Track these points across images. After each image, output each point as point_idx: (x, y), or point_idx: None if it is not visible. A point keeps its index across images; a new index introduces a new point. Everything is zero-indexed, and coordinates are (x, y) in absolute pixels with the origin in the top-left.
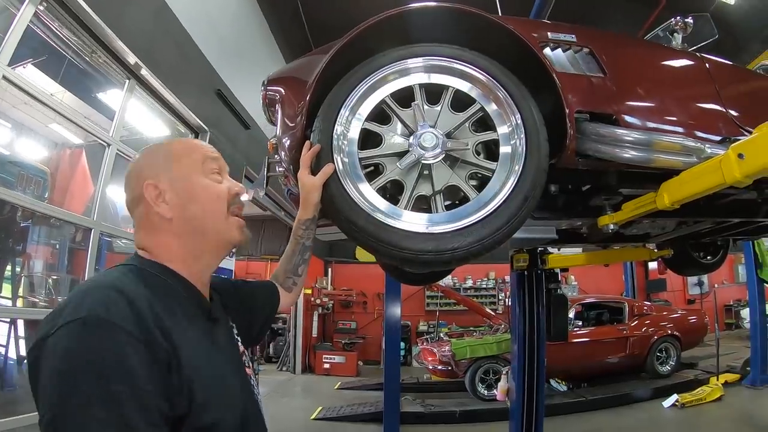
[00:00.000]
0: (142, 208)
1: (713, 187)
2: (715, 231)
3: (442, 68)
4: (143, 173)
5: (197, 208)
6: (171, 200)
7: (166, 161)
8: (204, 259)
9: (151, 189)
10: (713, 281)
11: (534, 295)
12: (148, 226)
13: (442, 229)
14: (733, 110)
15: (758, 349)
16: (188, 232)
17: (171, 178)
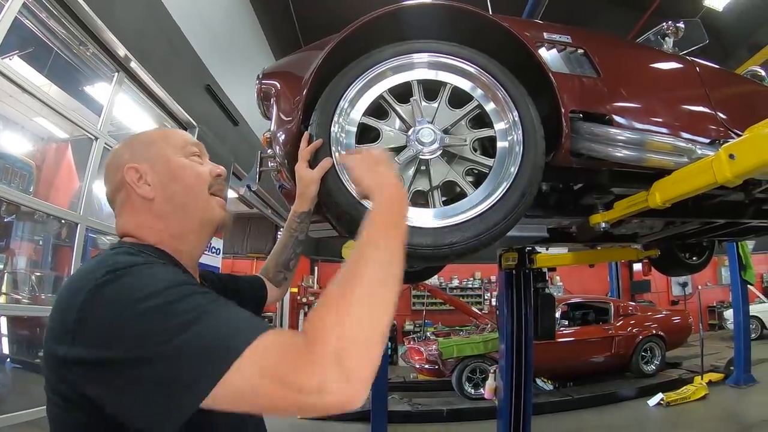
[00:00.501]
0: (124, 194)
1: (705, 187)
2: (702, 232)
3: (445, 65)
4: (123, 159)
5: (178, 187)
6: (152, 180)
7: (146, 145)
8: (189, 240)
9: (132, 172)
10: (697, 283)
11: (522, 294)
12: (130, 209)
13: (440, 224)
14: (722, 113)
15: (741, 349)
16: (170, 211)
17: (151, 159)
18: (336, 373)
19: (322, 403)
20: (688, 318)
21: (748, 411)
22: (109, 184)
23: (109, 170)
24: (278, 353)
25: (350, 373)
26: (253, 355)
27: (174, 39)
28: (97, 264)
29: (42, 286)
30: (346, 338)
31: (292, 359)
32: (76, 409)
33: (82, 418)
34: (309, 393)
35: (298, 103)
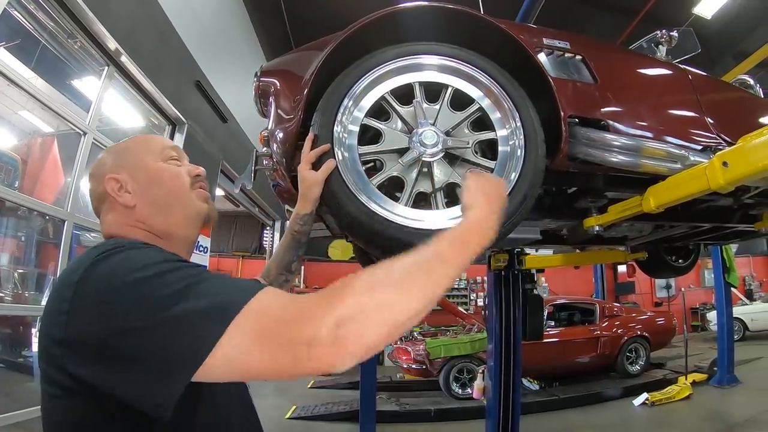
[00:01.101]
0: (107, 205)
1: (698, 192)
2: (689, 235)
3: (452, 69)
4: (104, 170)
5: (158, 190)
6: (132, 188)
7: (124, 154)
8: (177, 237)
9: (112, 182)
10: (680, 285)
11: (511, 294)
12: (115, 219)
13: (445, 226)
14: (712, 119)
15: (725, 350)
16: (154, 213)
17: (129, 168)
18: (330, 333)
19: (308, 356)
20: (672, 319)
21: (731, 410)
22: (93, 196)
23: (92, 182)
24: (279, 307)
25: (343, 339)
26: (250, 313)
27: (165, 33)
28: (90, 250)
29: (25, 283)
30: (362, 309)
31: (293, 312)
32: (71, 397)
33: (78, 408)
34: (299, 343)
35: (299, 102)
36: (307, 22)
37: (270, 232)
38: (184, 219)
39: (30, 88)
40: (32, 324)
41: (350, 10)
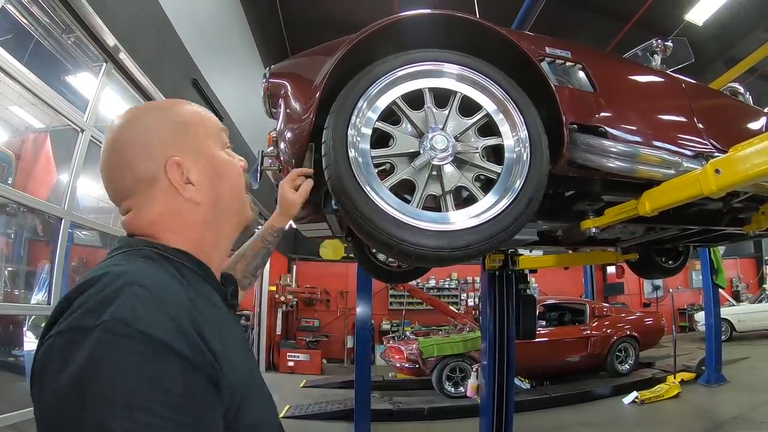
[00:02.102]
0: (152, 193)
1: (691, 197)
2: (679, 237)
3: (464, 78)
4: (153, 147)
5: (225, 188)
6: (197, 180)
7: (182, 131)
8: (222, 247)
9: (174, 168)
10: (668, 286)
11: (504, 294)
12: (158, 216)
13: (456, 227)
14: (705, 127)
15: (713, 349)
16: (213, 218)
17: (192, 152)
18: None
19: None
20: (660, 319)
21: (719, 409)
22: (127, 172)
23: (129, 154)
24: None
25: None
26: None
27: (163, 31)
28: (109, 295)
29: (15, 282)
30: None
31: None
32: None
33: None
34: None
35: (311, 104)
36: (302, 21)
37: None
38: (236, 227)
39: (29, 84)
40: (23, 323)
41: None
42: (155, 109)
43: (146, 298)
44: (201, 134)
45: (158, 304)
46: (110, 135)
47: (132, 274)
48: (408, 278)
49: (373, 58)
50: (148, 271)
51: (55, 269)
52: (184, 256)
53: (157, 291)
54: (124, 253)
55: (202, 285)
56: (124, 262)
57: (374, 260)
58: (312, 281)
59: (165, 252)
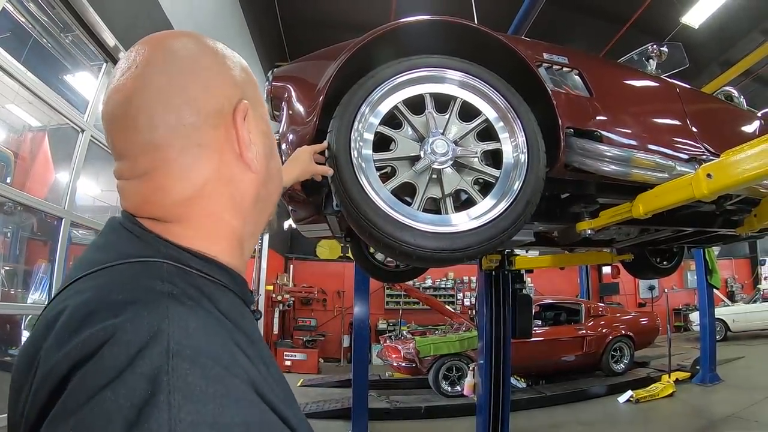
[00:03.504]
0: (208, 148)
1: (684, 200)
2: (673, 239)
3: (465, 84)
4: (220, 80)
5: (273, 167)
6: (256, 143)
7: (249, 80)
8: (255, 240)
9: (243, 117)
10: (663, 286)
11: (501, 294)
12: (210, 182)
13: (456, 230)
14: (699, 132)
15: (707, 349)
16: (262, 199)
17: (257, 108)
18: None
19: None
20: (655, 319)
21: (713, 408)
22: (173, 101)
23: (183, 77)
24: None
25: None
26: None
27: (162, 29)
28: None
29: (13, 281)
30: None
31: None
32: None
33: None
34: None
35: (314, 107)
36: (301, 22)
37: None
38: (267, 220)
39: (28, 83)
40: (20, 322)
41: (344, 11)
42: (214, 41)
43: (206, 388)
44: (260, 95)
45: (223, 392)
46: (152, 49)
47: (171, 337)
48: (405, 278)
49: (374, 62)
50: (189, 326)
51: (55, 269)
52: (219, 270)
53: (214, 368)
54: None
55: (244, 312)
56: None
57: (372, 260)
58: (309, 281)
59: (194, 268)
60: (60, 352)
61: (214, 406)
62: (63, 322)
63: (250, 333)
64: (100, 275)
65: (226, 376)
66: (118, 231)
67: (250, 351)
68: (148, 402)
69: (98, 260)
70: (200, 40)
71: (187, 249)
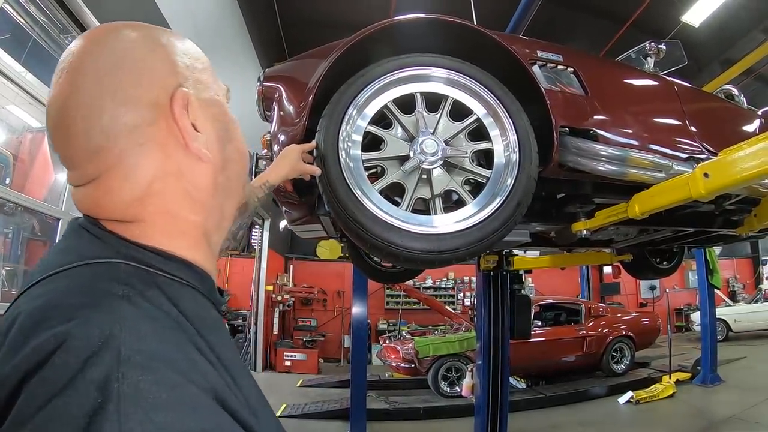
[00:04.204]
0: (150, 144)
1: (680, 200)
2: (673, 239)
3: (455, 83)
4: (153, 70)
5: (233, 151)
6: (206, 131)
7: (192, 63)
8: (224, 229)
9: (182, 105)
10: (665, 286)
11: (499, 294)
12: (158, 180)
13: (444, 231)
14: (697, 130)
15: (708, 350)
16: (222, 187)
17: (203, 91)
18: None
19: None
20: (656, 319)
21: (714, 408)
22: (103, 105)
23: (112, 77)
24: None
25: None
26: None
27: None
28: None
29: (14, 281)
30: None
31: None
32: None
33: None
34: None
35: (304, 107)
36: (300, 23)
37: (259, 230)
38: (236, 207)
39: (27, 86)
40: None
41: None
42: (151, 27)
43: (159, 395)
44: (210, 77)
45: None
46: (79, 52)
47: (123, 343)
48: (402, 279)
49: (366, 61)
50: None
51: None
52: (182, 268)
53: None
54: (86, 270)
55: (209, 312)
56: (93, 302)
57: (368, 261)
58: (309, 281)
59: (154, 267)
60: (13, 360)
61: (166, 414)
62: (16, 329)
63: (215, 336)
64: (57, 278)
65: (181, 382)
66: (79, 233)
67: (212, 355)
68: (98, 411)
69: (58, 263)
70: (133, 29)
71: (148, 247)
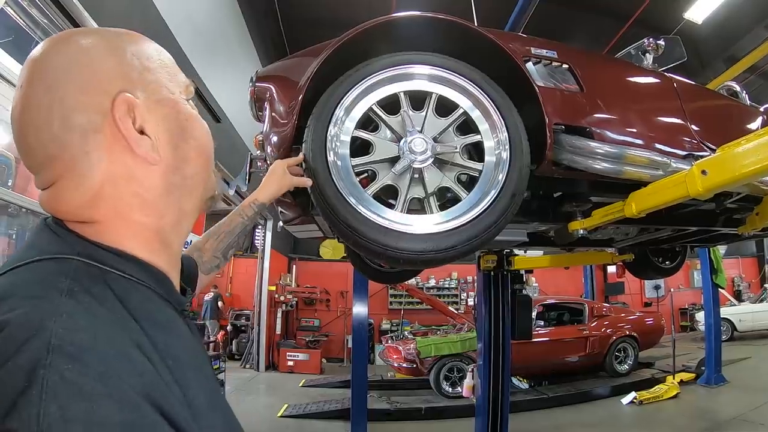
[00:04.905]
0: (98, 151)
1: (678, 199)
2: (675, 238)
3: (443, 79)
4: (96, 79)
5: (190, 149)
6: (156, 134)
7: (139, 66)
8: (185, 227)
9: (125, 109)
10: (669, 285)
11: (500, 295)
12: (107, 183)
13: (438, 230)
14: (697, 127)
15: (713, 350)
16: (177, 186)
17: (152, 94)
18: None
19: None
20: (660, 319)
21: (718, 409)
22: (52, 116)
23: (60, 88)
24: None
25: None
26: None
27: (160, 33)
28: (20, 387)
29: None
30: None
31: None
32: None
33: None
34: None
35: (294, 107)
36: (301, 22)
37: (262, 231)
38: (200, 203)
39: None
40: None
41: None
42: (100, 32)
43: (83, 385)
44: (163, 76)
45: (102, 391)
46: (31, 64)
47: (56, 334)
48: (401, 279)
49: (356, 60)
50: (80, 323)
51: None
52: (135, 267)
53: (98, 366)
54: (41, 268)
55: (162, 311)
56: (38, 294)
57: (368, 262)
58: (312, 281)
59: (106, 264)
60: None
61: (88, 404)
62: None
63: (166, 335)
64: (17, 272)
65: (110, 375)
66: (43, 231)
67: (155, 354)
68: (22, 394)
69: (20, 258)
70: (84, 36)
71: (104, 246)
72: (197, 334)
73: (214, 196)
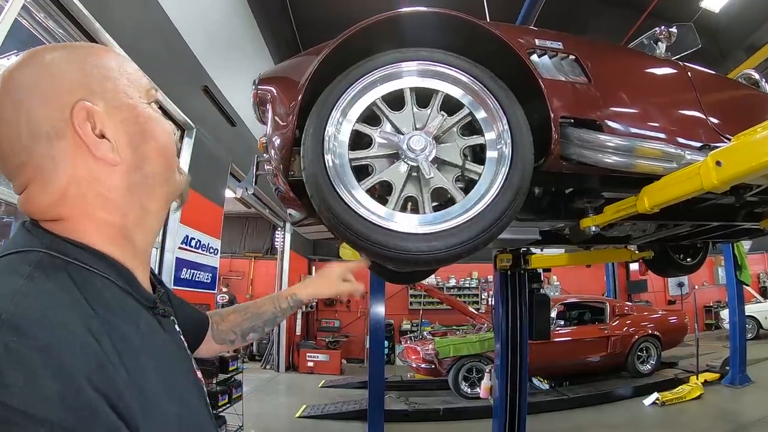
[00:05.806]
0: (62, 155)
1: (692, 192)
2: (695, 234)
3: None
4: (57, 91)
5: (150, 149)
6: (115, 137)
7: (98, 75)
8: (148, 227)
9: (83, 116)
10: (693, 283)
11: (517, 294)
12: (71, 185)
13: (435, 229)
14: (713, 117)
15: (737, 349)
16: (138, 185)
17: (111, 100)
18: None
19: None
20: (684, 318)
21: (743, 410)
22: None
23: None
24: None
25: None
26: None
27: (171, 39)
28: None
29: None
30: None
31: None
32: None
33: None
34: None
35: (293, 108)
36: (315, 23)
37: (281, 233)
38: (165, 202)
39: None
40: None
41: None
42: (65, 47)
43: (25, 355)
44: (122, 83)
45: (42, 362)
46: (1, 82)
47: (7, 310)
48: (415, 279)
49: (359, 58)
50: (33, 302)
51: None
52: (97, 260)
53: (42, 339)
54: (9, 259)
55: (122, 300)
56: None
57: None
58: None
59: (69, 256)
60: None
61: (27, 373)
62: None
63: (124, 323)
64: None
65: (52, 349)
66: (20, 230)
67: (106, 339)
68: None
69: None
70: (51, 52)
71: (69, 240)
72: (173, 331)
73: (183, 195)
